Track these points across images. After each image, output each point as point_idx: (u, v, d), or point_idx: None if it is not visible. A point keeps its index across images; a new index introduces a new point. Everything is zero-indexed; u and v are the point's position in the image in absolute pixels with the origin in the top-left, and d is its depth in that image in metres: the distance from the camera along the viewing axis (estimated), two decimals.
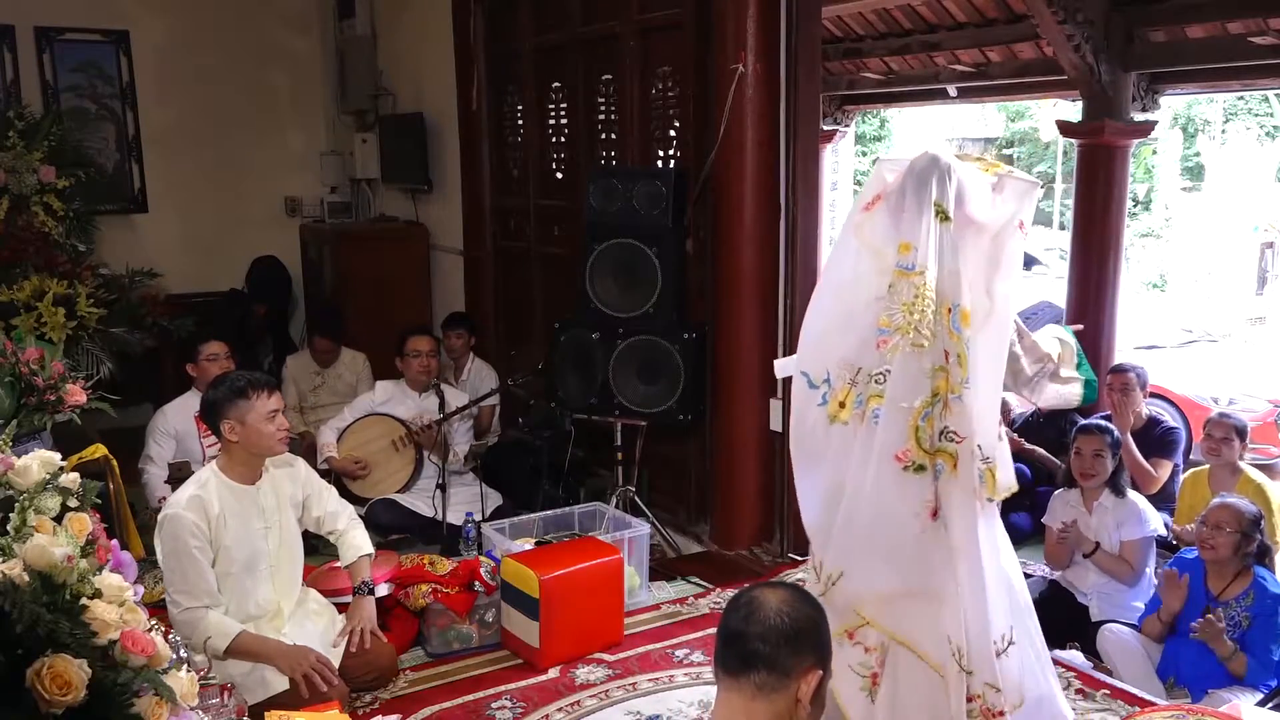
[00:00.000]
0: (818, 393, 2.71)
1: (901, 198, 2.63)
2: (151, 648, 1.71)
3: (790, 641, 1.71)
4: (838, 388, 2.68)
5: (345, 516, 3.41)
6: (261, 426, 3.06)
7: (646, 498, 4.63)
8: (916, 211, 2.59)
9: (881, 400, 2.57)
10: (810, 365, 2.74)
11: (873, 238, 2.70)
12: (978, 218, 2.63)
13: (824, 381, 2.71)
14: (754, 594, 1.78)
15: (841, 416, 2.67)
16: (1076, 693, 3.27)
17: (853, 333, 2.68)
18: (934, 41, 7.18)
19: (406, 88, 6.77)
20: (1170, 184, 17.45)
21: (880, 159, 2.83)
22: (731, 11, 4.09)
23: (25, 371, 3.20)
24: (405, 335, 4.92)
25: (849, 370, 2.66)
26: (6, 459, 1.92)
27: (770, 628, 1.71)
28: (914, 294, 2.56)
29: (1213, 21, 5.60)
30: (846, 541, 2.67)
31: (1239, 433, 4.35)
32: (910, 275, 2.57)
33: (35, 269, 5.14)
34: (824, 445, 2.72)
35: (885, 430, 2.56)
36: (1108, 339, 6.13)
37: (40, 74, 6.43)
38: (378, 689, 3.28)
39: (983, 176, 2.67)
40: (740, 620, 1.74)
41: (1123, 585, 3.93)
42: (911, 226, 2.60)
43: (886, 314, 2.60)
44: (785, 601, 1.75)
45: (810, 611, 1.78)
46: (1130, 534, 3.94)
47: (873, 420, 2.59)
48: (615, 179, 4.50)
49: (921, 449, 2.56)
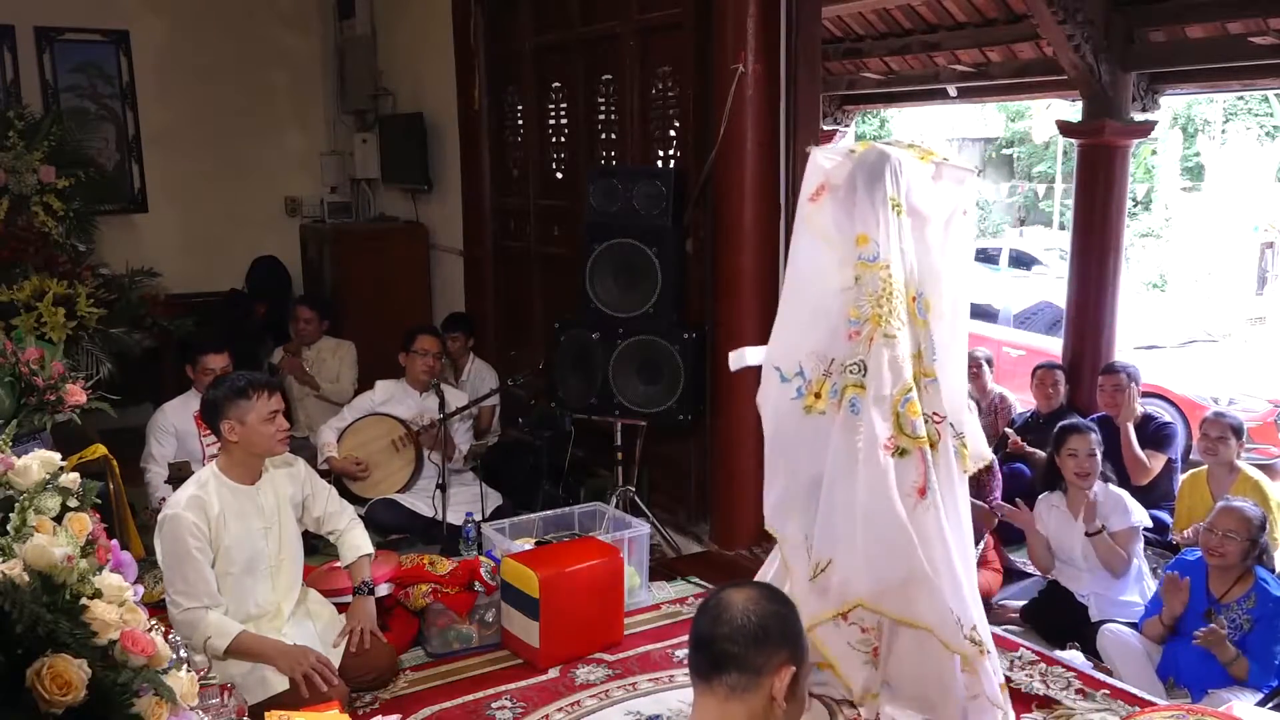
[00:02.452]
0: (791, 385, 2.79)
1: (852, 191, 2.71)
2: (151, 648, 1.71)
3: (758, 640, 1.71)
4: (812, 379, 2.76)
5: (345, 516, 3.41)
6: (261, 427, 3.06)
7: (646, 498, 4.63)
8: (870, 205, 2.67)
9: (859, 390, 2.66)
10: (781, 359, 2.81)
11: (825, 228, 2.78)
12: (920, 208, 2.71)
13: (796, 374, 2.79)
14: (720, 596, 1.78)
15: (818, 407, 2.75)
16: (1076, 692, 3.27)
17: (822, 325, 2.75)
18: (934, 41, 7.18)
19: (406, 88, 6.77)
20: (1170, 184, 17.44)
21: (812, 149, 2.88)
22: (731, 11, 4.09)
23: (25, 371, 3.20)
24: (415, 332, 4.92)
25: (822, 362, 2.75)
26: (6, 459, 1.92)
27: (737, 628, 1.71)
28: (881, 286, 2.66)
29: (1213, 21, 5.60)
30: (832, 531, 2.74)
31: (1235, 431, 4.36)
32: (874, 267, 2.66)
33: (35, 269, 5.13)
34: (800, 436, 2.79)
35: (870, 424, 2.62)
36: (1108, 339, 6.12)
37: (40, 74, 6.43)
38: (378, 689, 3.28)
39: (921, 165, 2.74)
40: (708, 623, 1.74)
41: (1114, 579, 3.94)
42: (866, 219, 2.68)
43: (855, 306, 2.69)
44: (751, 600, 1.75)
45: (777, 608, 1.77)
46: (1118, 524, 4.00)
47: (850, 410, 2.67)
48: (615, 179, 4.50)
49: (904, 434, 2.64)
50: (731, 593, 1.78)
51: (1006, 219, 19.80)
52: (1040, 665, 3.45)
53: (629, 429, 4.64)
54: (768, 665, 1.71)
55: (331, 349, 5.74)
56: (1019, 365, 7.42)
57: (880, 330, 2.64)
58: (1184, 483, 4.61)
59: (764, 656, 1.71)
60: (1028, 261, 14.59)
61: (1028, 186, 19.36)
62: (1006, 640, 3.67)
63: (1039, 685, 3.31)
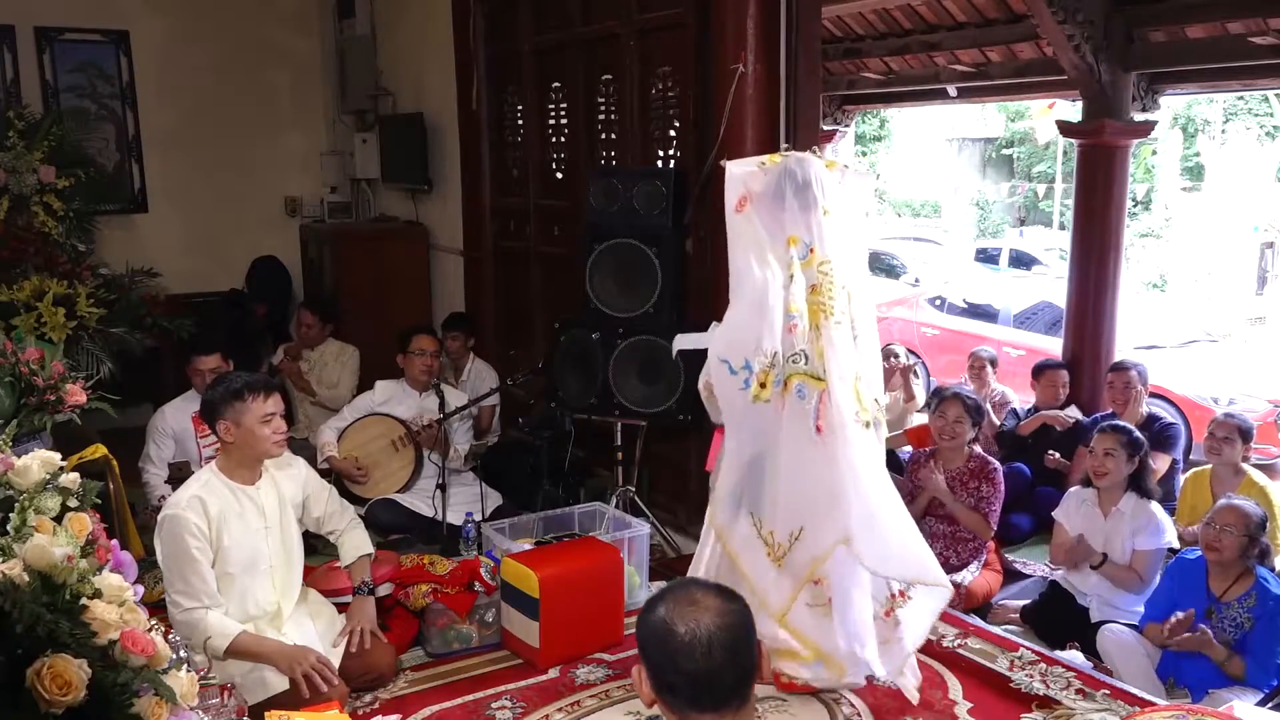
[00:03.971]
0: (739, 378, 3.08)
1: (779, 198, 3.07)
2: (151, 648, 1.71)
3: (750, 669, 1.71)
4: (757, 371, 3.06)
5: (345, 516, 3.41)
6: (256, 429, 3.06)
7: (646, 498, 4.63)
8: (801, 210, 3.05)
9: (804, 378, 3.01)
10: (729, 354, 3.11)
11: (756, 235, 3.10)
12: (833, 209, 3.09)
13: (744, 368, 3.08)
14: (696, 628, 1.69)
15: (763, 396, 3.05)
16: (1076, 693, 3.27)
17: (763, 322, 3.06)
18: (934, 41, 7.18)
19: (406, 88, 6.77)
20: (1170, 184, 17.44)
21: (727, 163, 3.20)
22: (731, 11, 4.08)
23: (25, 371, 3.20)
24: (411, 333, 4.92)
25: (765, 356, 3.05)
26: (6, 459, 1.92)
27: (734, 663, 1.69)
28: (821, 279, 3.03)
29: (1213, 21, 5.60)
30: (798, 503, 3.08)
31: (1243, 434, 4.34)
32: (809, 264, 3.05)
33: (35, 269, 5.14)
34: (746, 419, 3.12)
35: (836, 404, 2.99)
36: (1108, 339, 6.13)
37: (40, 74, 6.43)
38: (377, 689, 3.28)
39: (830, 172, 3.13)
40: (704, 660, 1.68)
41: (1128, 594, 3.90)
42: (797, 223, 3.06)
43: (793, 302, 3.04)
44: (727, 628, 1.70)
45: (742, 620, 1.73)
46: (1145, 544, 3.88)
47: (797, 395, 3.03)
48: (615, 179, 4.50)
49: (864, 407, 3.03)
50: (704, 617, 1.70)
51: (1006, 219, 19.81)
52: (1040, 665, 3.45)
53: (629, 429, 4.64)
54: (753, 683, 1.73)
55: (335, 353, 5.72)
56: (1019, 365, 7.42)
57: (831, 319, 3.01)
58: (1186, 481, 4.60)
59: (753, 674, 1.72)
60: (1028, 261, 14.60)
61: (1028, 186, 19.36)
62: (1006, 640, 3.67)
63: (1039, 685, 3.31)
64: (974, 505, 4.24)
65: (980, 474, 4.28)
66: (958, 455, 4.34)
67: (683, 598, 1.73)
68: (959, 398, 4.41)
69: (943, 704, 3.21)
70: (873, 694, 3.25)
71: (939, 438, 4.37)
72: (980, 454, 4.38)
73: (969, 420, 4.33)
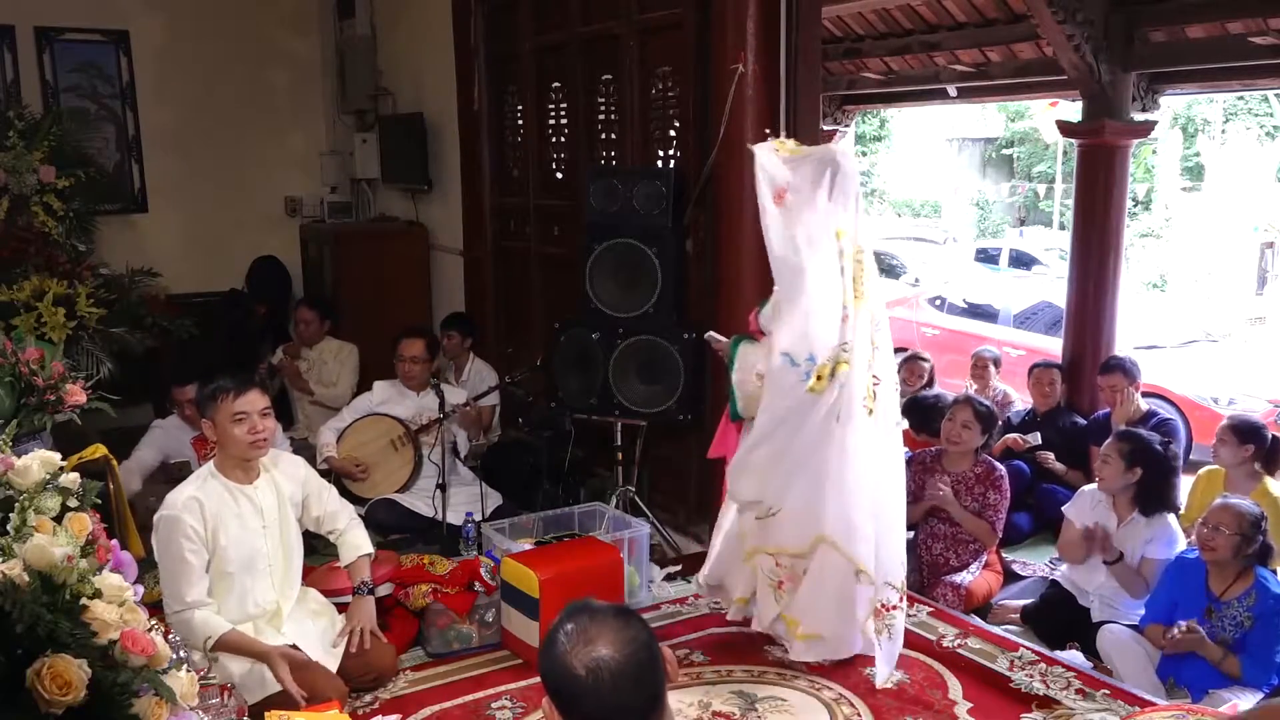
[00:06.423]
0: (800, 370, 3.15)
1: (818, 190, 3.18)
2: (151, 648, 1.71)
3: (658, 688, 1.63)
4: (819, 364, 3.15)
5: (345, 516, 3.41)
6: (229, 428, 3.06)
7: (646, 498, 4.63)
8: (843, 202, 3.19)
9: (845, 365, 3.13)
10: (794, 348, 3.17)
11: (805, 230, 3.20)
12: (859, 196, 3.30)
13: (808, 360, 3.15)
14: (597, 668, 1.59)
15: (818, 388, 3.15)
16: (1076, 692, 3.27)
17: (833, 317, 3.16)
18: (934, 41, 7.17)
19: (406, 88, 6.77)
20: (1170, 184, 17.44)
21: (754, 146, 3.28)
22: (731, 11, 4.08)
23: (25, 371, 3.20)
24: (398, 338, 4.92)
25: (832, 349, 3.16)
26: (6, 459, 1.92)
27: (640, 690, 1.60)
28: (858, 269, 3.19)
29: (1213, 21, 5.59)
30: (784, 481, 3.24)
31: (1241, 435, 4.27)
32: (851, 255, 3.19)
33: (35, 269, 5.14)
34: (793, 412, 3.19)
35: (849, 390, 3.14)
36: (1108, 339, 6.11)
37: (40, 74, 6.43)
38: (377, 689, 3.28)
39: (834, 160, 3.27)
40: (611, 696, 1.59)
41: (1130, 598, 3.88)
42: (841, 215, 3.18)
43: (845, 293, 3.16)
44: (628, 658, 1.60)
45: (643, 640, 1.64)
46: (1155, 553, 3.83)
47: (840, 383, 3.14)
48: (615, 179, 4.50)
49: (870, 394, 3.19)
50: (603, 650, 1.60)
51: (1006, 219, 19.81)
52: (1040, 665, 3.45)
53: (629, 429, 4.64)
54: (664, 696, 1.66)
55: (334, 351, 5.73)
56: (1019, 365, 7.42)
57: (863, 304, 3.15)
58: (1199, 479, 4.52)
59: (663, 692, 1.65)
60: (1028, 261, 14.60)
61: (1028, 186, 19.37)
62: (1006, 640, 3.67)
63: (1039, 685, 3.31)
64: (978, 511, 4.22)
65: (986, 480, 4.25)
66: (964, 459, 4.31)
67: (577, 636, 1.62)
68: (970, 402, 4.37)
69: (943, 704, 3.21)
70: (873, 694, 3.26)
71: (946, 440, 4.34)
72: (987, 459, 4.33)
73: (978, 426, 4.26)
